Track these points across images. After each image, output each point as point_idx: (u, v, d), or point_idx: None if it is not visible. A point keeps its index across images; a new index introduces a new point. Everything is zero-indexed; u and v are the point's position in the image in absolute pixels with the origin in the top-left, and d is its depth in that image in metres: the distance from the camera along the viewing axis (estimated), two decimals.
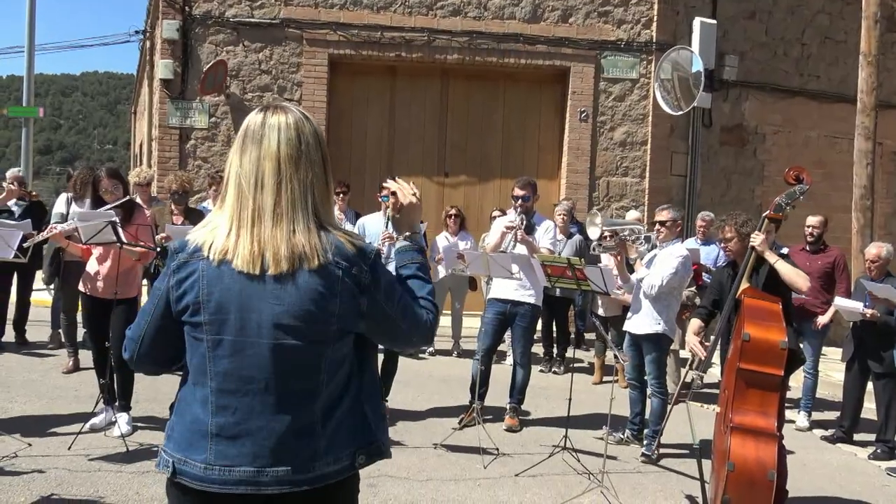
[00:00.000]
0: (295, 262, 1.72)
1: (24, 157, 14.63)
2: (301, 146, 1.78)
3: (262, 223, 1.74)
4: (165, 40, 10.23)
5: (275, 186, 1.75)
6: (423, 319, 1.89)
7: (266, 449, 1.72)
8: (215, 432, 1.74)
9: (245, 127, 1.82)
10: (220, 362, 1.74)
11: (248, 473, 1.72)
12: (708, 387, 7.26)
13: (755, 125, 11.38)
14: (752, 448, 3.88)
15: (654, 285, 5.33)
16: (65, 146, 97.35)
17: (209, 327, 1.74)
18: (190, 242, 1.80)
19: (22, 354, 7.55)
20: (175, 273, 1.79)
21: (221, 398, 1.74)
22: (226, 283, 1.74)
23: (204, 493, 1.73)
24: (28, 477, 4.37)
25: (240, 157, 1.79)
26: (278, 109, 1.82)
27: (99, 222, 4.90)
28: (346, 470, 1.79)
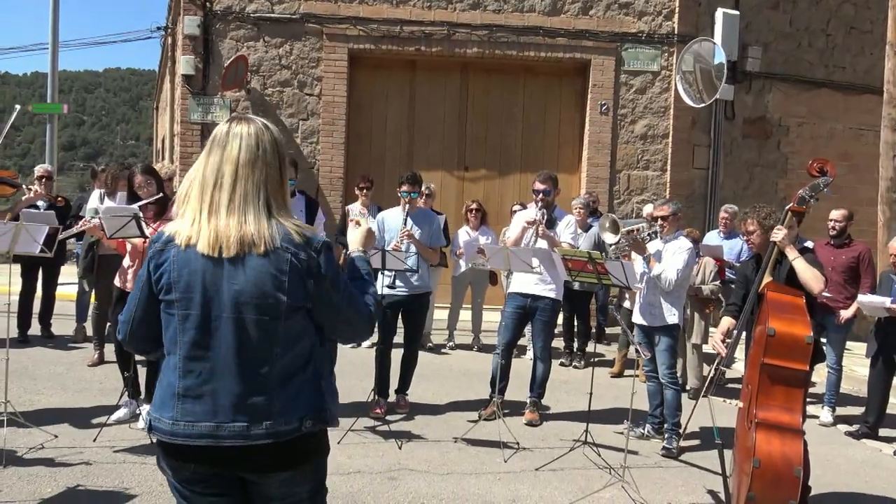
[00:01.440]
0: (245, 247, 1.99)
1: (48, 153, 14.80)
2: (259, 151, 2.06)
3: (219, 215, 2.02)
4: (187, 36, 10.29)
5: (231, 185, 2.03)
6: (364, 310, 2.18)
7: (224, 407, 1.99)
8: (182, 393, 2.02)
9: (213, 135, 2.11)
10: (187, 333, 2.02)
11: (209, 428, 1.99)
12: (730, 381, 7.21)
13: (779, 117, 11.24)
14: (777, 444, 3.84)
15: (670, 280, 5.37)
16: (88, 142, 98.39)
17: (179, 304, 2.03)
18: (165, 233, 2.08)
19: (48, 348, 7.67)
20: (152, 259, 2.08)
21: (188, 364, 2.02)
22: (192, 266, 2.01)
23: (171, 445, 2.02)
24: (54, 468, 4.44)
25: (205, 160, 2.08)
26: (242, 121, 2.11)
27: (122, 217, 4.96)
28: (295, 431, 2.01)
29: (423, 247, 5.98)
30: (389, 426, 5.54)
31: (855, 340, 7.65)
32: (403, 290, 5.90)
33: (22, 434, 4.91)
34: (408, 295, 5.94)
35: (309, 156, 10.43)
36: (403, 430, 5.55)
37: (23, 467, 4.42)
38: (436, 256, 6.39)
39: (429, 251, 6.06)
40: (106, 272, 6.93)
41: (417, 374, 6.23)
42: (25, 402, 5.67)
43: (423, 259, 6.02)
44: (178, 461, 2.05)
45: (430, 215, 6.33)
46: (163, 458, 2.09)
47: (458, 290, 8.88)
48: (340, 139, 10.51)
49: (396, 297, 5.92)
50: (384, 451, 5.08)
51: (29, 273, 7.86)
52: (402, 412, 5.99)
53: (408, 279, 5.90)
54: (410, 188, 5.91)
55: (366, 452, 5.03)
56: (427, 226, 6.07)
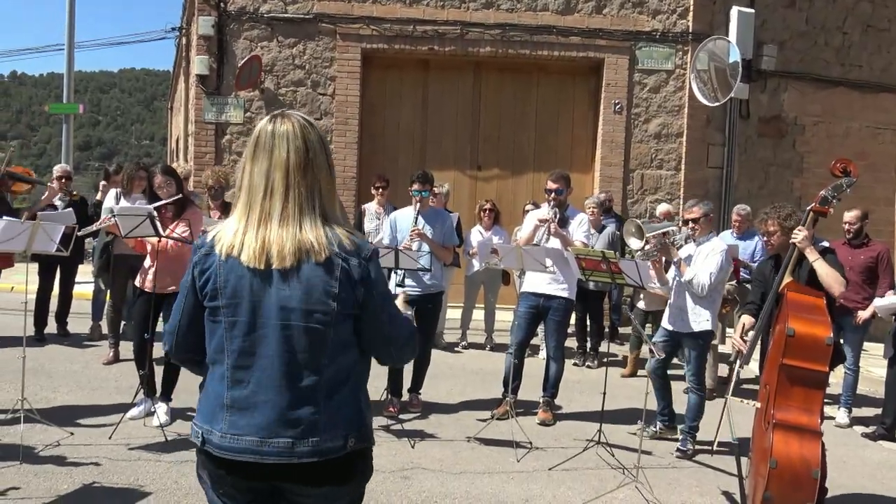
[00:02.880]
0: (301, 257, 1.90)
1: (64, 152, 14.92)
2: (308, 154, 1.96)
3: (270, 225, 1.93)
4: (201, 36, 10.34)
5: (283, 193, 1.93)
6: (407, 332, 2.10)
7: (270, 420, 1.90)
8: (229, 404, 1.94)
9: (256, 136, 1.99)
10: (234, 341, 1.94)
11: (253, 443, 1.90)
12: (746, 382, 7.16)
13: (794, 116, 11.15)
14: (795, 445, 3.81)
15: (703, 284, 5.22)
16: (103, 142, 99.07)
17: (226, 310, 1.94)
18: (209, 237, 2.01)
19: (64, 346, 7.72)
20: (198, 265, 1.99)
21: (236, 373, 1.94)
22: (238, 272, 1.93)
23: (221, 459, 1.93)
24: (70, 465, 4.47)
25: (251, 166, 1.97)
26: (285, 119, 1.99)
27: (136, 216, 4.99)
28: (339, 449, 1.93)
29: (436, 245, 5.98)
30: (402, 425, 5.54)
31: (872, 341, 7.58)
32: (416, 289, 5.90)
33: (38, 431, 4.95)
34: (421, 294, 5.93)
35: None
36: (416, 429, 5.55)
37: (39, 464, 4.45)
38: (449, 255, 6.38)
39: (441, 250, 6.06)
40: (121, 271, 7.00)
41: (430, 373, 6.23)
42: (42, 399, 5.72)
43: (437, 258, 6.01)
44: (223, 473, 1.96)
45: (442, 214, 6.33)
46: (205, 469, 1.99)
47: (470, 289, 8.87)
48: (353, 139, 10.52)
49: (409, 296, 5.90)
50: (397, 449, 5.08)
51: (47, 272, 7.92)
52: (415, 411, 5.99)
53: (420, 278, 5.90)
54: (421, 187, 5.90)
55: (379, 451, 4.99)
56: (439, 224, 6.07)
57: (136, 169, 6.98)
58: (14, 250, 5.10)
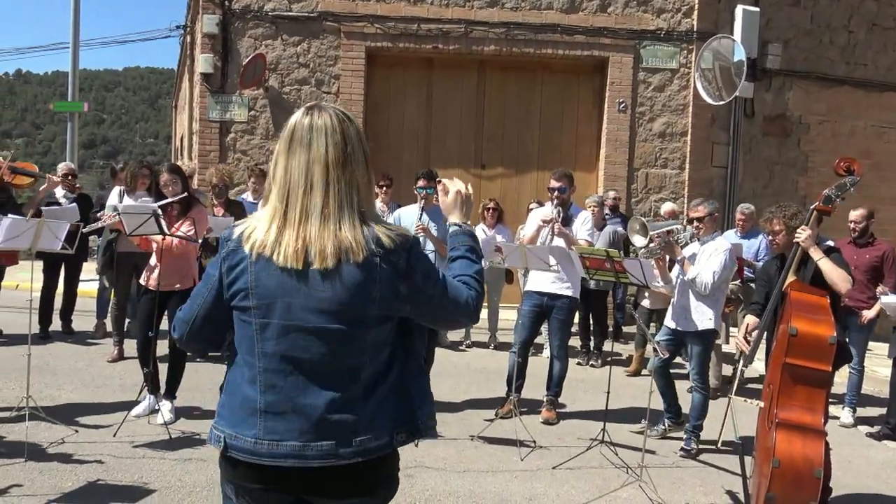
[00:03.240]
0: (341, 257, 1.81)
1: (69, 151, 14.95)
2: (347, 148, 1.87)
3: (310, 222, 1.83)
4: (206, 35, 10.36)
5: (323, 189, 1.84)
6: (464, 297, 1.96)
7: (311, 424, 1.82)
8: (264, 409, 1.84)
9: (291, 129, 1.89)
10: (267, 344, 1.84)
11: (295, 447, 1.82)
12: (750, 381, 7.15)
13: (799, 115, 11.13)
14: (798, 445, 3.81)
15: (706, 283, 5.22)
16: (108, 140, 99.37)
17: (257, 311, 1.84)
18: (237, 232, 1.90)
19: (68, 343, 7.74)
20: (226, 260, 1.89)
21: (269, 377, 1.85)
22: (271, 272, 1.83)
23: (254, 465, 1.84)
24: (75, 463, 4.48)
25: (287, 160, 1.87)
26: (322, 112, 1.89)
27: (142, 214, 5.00)
28: (386, 446, 1.88)
29: (440, 242, 5.98)
30: None
31: (877, 341, 7.56)
32: None
33: (43, 428, 4.97)
34: None
35: None
36: None
37: (44, 461, 4.46)
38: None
39: (445, 247, 6.04)
40: (124, 268, 7.02)
41: (434, 371, 6.19)
42: (47, 397, 5.73)
43: (440, 256, 6.01)
44: (251, 482, 1.87)
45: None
46: (229, 478, 1.90)
47: None
48: None
49: None
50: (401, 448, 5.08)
51: (51, 270, 7.95)
52: None
53: None
54: (426, 184, 5.91)
55: None
56: (444, 221, 6.06)
57: (140, 167, 7.00)
58: (19, 248, 5.11)
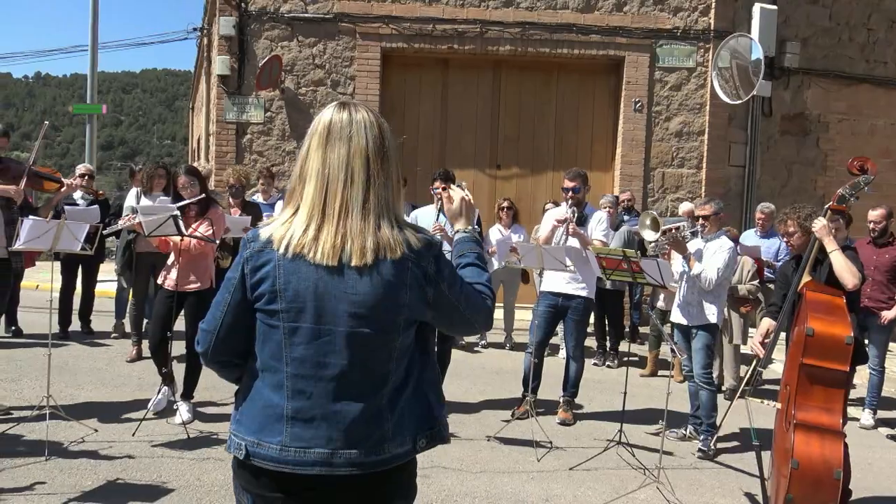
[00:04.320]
0: (380, 254, 1.78)
1: (87, 152, 15.09)
2: (385, 143, 1.84)
3: (351, 217, 1.78)
4: (222, 37, 10.42)
5: (365, 182, 1.80)
6: (482, 304, 1.96)
7: (340, 432, 1.78)
8: (291, 415, 1.79)
9: (328, 123, 1.84)
10: (296, 349, 1.79)
11: (323, 455, 1.77)
12: (767, 382, 7.09)
13: (818, 114, 11.02)
14: (816, 446, 3.78)
15: (710, 279, 5.31)
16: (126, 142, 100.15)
17: (286, 315, 1.79)
18: (263, 233, 1.84)
19: (87, 344, 7.82)
20: (249, 261, 1.83)
21: (298, 383, 1.80)
22: (302, 274, 1.78)
23: (278, 473, 1.79)
24: (95, 461, 4.53)
25: (324, 154, 1.81)
26: (357, 107, 1.86)
27: (160, 216, 5.04)
28: (409, 453, 1.85)
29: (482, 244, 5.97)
30: None
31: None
32: None
33: (63, 427, 5.02)
34: None
35: None
36: None
37: (64, 460, 4.52)
38: None
39: None
40: (143, 269, 7.08)
41: (450, 372, 6.22)
42: (67, 396, 5.80)
43: None
44: (271, 491, 1.81)
45: None
46: (247, 486, 1.84)
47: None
48: None
49: None
50: None
51: (68, 270, 8.04)
52: None
53: None
54: (443, 185, 5.91)
55: None
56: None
57: (156, 168, 7.06)
58: (40, 249, 5.17)
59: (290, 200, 1.86)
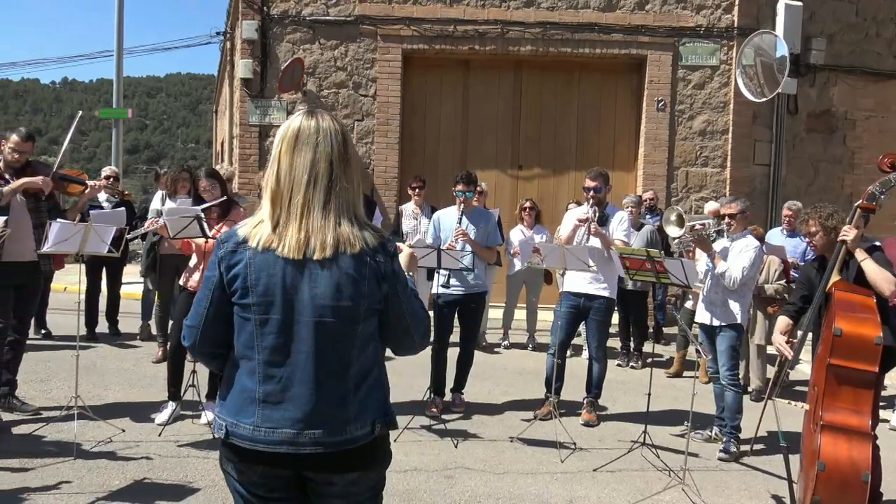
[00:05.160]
0: (339, 248, 1.95)
1: (114, 156, 15.26)
2: (348, 150, 2.03)
3: (313, 215, 1.96)
4: (245, 40, 10.51)
5: (327, 184, 1.98)
6: (422, 324, 2.15)
7: (305, 413, 1.96)
8: (262, 399, 1.98)
9: (296, 130, 2.01)
10: (266, 338, 1.97)
11: (289, 435, 1.95)
12: (795, 384, 7.01)
13: (844, 111, 10.87)
14: (844, 447, 3.72)
15: (735, 278, 5.24)
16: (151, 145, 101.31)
17: (257, 308, 1.96)
18: (236, 234, 2.03)
19: (114, 345, 7.92)
20: (224, 260, 2.01)
21: (268, 369, 1.97)
22: (271, 269, 1.96)
23: (252, 451, 1.98)
24: (122, 461, 4.59)
25: (292, 158, 1.99)
26: (324, 115, 2.04)
27: (184, 218, 5.09)
28: (367, 435, 2.01)
29: (479, 246, 5.97)
30: (445, 425, 5.56)
31: None
32: (459, 289, 5.91)
33: (91, 427, 5.09)
34: (464, 294, 5.94)
35: (364, 156, 10.54)
36: (459, 428, 5.56)
37: (92, 460, 4.58)
38: (492, 256, 6.37)
39: (485, 251, 6.05)
40: (167, 271, 7.16)
41: (473, 373, 6.23)
42: (94, 397, 5.88)
43: (480, 258, 6.01)
44: (250, 465, 2.01)
45: (485, 214, 6.33)
46: (229, 461, 2.04)
47: (512, 288, 8.86)
48: (395, 139, 10.58)
49: (453, 296, 5.93)
50: (440, 449, 5.10)
51: (93, 272, 8.14)
52: (457, 411, 6.00)
53: (464, 278, 5.90)
54: (465, 187, 5.91)
55: (422, 450, 5.06)
56: (483, 224, 6.06)
57: (180, 171, 7.15)
58: (67, 251, 5.25)
59: (266, 199, 2.03)
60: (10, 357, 5.31)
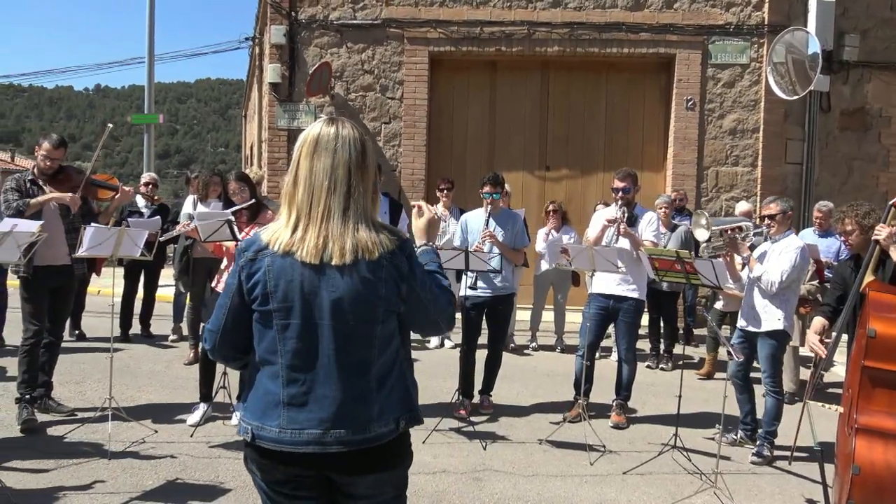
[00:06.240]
0: (357, 254, 1.98)
1: (145, 161, 15.51)
2: (366, 157, 2.06)
3: (331, 221, 2.00)
4: (273, 45, 10.61)
5: (346, 190, 2.01)
6: (446, 306, 2.18)
7: (330, 414, 1.99)
8: (286, 401, 2.01)
9: (316, 136, 2.05)
10: (288, 342, 2.01)
11: (315, 435, 1.99)
12: (829, 386, 6.90)
13: (879, 108, 10.66)
14: (879, 451, 3.65)
15: (773, 282, 5.08)
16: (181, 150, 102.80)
17: (278, 314, 2.01)
18: (256, 241, 2.06)
19: (147, 347, 8.04)
20: (244, 269, 2.05)
21: (291, 373, 2.01)
22: (289, 275, 1.99)
23: (278, 452, 2.02)
24: (155, 462, 4.65)
25: (311, 163, 2.03)
26: (344, 123, 2.08)
27: (215, 221, 5.16)
28: (392, 432, 2.05)
29: (506, 248, 5.96)
30: (474, 427, 5.55)
31: None
32: (487, 290, 5.90)
33: (125, 428, 5.17)
34: (492, 296, 5.93)
35: (391, 158, 10.58)
36: (488, 430, 5.55)
37: (126, 460, 4.65)
38: (520, 258, 6.35)
39: (512, 252, 6.04)
40: (200, 273, 7.24)
41: (501, 375, 6.22)
42: (128, 398, 5.97)
43: (507, 260, 6.00)
44: (275, 465, 2.04)
45: (512, 215, 6.31)
46: (255, 461, 2.08)
47: (540, 290, 8.82)
48: (422, 141, 10.61)
49: (480, 298, 5.93)
50: (469, 451, 5.09)
51: (132, 276, 8.30)
52: (486, 413, 5.99)
53: (491, 280, 5.90)
54: (492, 189, 5.91)
55: (450, 452, 5.06)
56: (510, 226, 6.05)
57: (211, 176, 7.24)
58: (102, 255, 5.34)
59: (285, 204, 2.06)
60: (46, 359, 5.42)
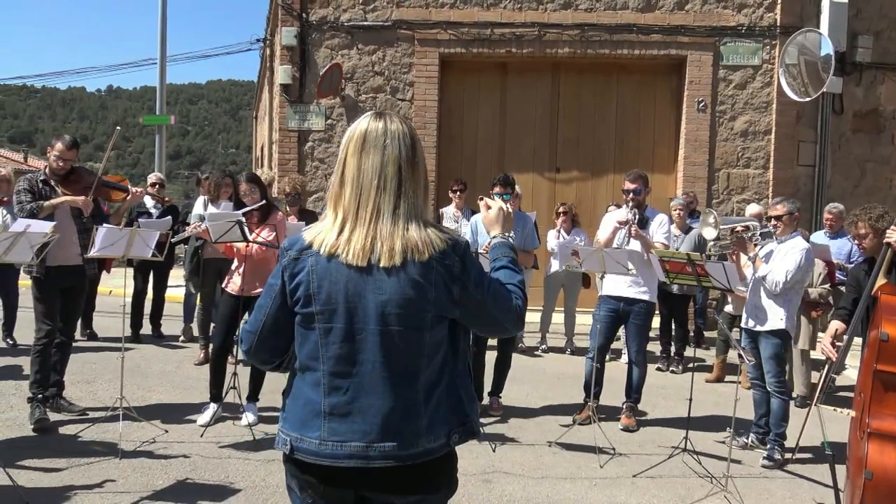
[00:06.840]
0: (407, 255, 1.85)
1: (157, 161, 15.59)
2: (416, 153, 1.94)
3: (382, 220, 1.87)
4: (284, 47, 10.65)
5: (397, 189, 1.89)
6: (512, 304, 2.01)
7: (375, 426, 1.86)
8: (328, 411, 1.89)
9: (363, 132, 1.92)
10: (331, 348, 1.88)
11: (358, 448, 1.86)
12: (841, 389, 6.85)
13: (892, 109, 10.60)
14: (892, 456, 3.61)
15: (778, 282, 5.09)
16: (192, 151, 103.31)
17: (320, 317, 1.88)
18: (300, 240, 1.94)
19: (158, 347, 8.08)
20: (287, 268, 1.93)
21: (333, 380, 1.89)
22: (333, 276, 1.87)
23: (318, 466, 1.89)
24: (165, 461, 4.67)
25: (359, 161, 1.90)
26: (392, 117, 1.95)
27: (226, 222, 5.18)
28: (443, 447, 1.90)
29: (516, 250, 5.95)
30: (483, 429, 5.54)
31: None
32: None
33: (136, 428, 5.20)
34: None
35: None
36: (497, 432, 5.55)
37: (136, 459, 4.67)
38: (529, 260, 6.35)
39: (522, 255, 6.03)
40: (210, 274, 7.28)
41: (511, 377, 6.21)
42: (138, 398, 5.99)
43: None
44: (314, 482, 1.91)
45: (522, 217, 6.30)
46: (294, 477, 1.96)
47: (550, 292, 8.81)
48: (432, 143, 10.61)
49: None
50: (478, 453, 5.09)
51: (142, 276, 8.34)
52: (495, 415, 5.98)
53: None
54: (503, 190, 5.90)
55: (459, 454, 4.98)
56: (520, 228, 6.04)
57: (222, 177, 7.27)
58: (113, 255, 5.37)
59: (331, 204, 1.95)
60: (58, 359, 5.45)
